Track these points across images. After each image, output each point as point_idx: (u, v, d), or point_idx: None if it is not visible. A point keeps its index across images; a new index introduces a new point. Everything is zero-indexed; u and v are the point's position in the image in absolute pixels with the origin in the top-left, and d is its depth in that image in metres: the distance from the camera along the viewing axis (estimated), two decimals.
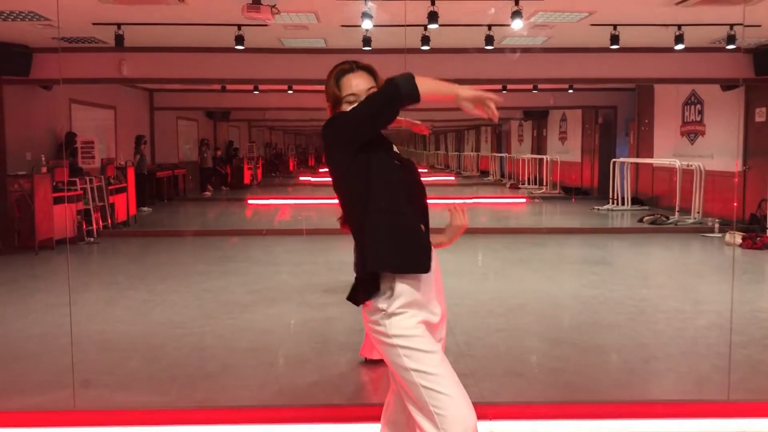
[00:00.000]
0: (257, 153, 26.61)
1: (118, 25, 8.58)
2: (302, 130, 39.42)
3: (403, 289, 2.17)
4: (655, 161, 14.86)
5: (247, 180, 23.03)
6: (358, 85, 2.28)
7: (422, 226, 2.25)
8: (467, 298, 6.10)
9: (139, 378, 4.23)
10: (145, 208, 14.16)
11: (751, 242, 9.33)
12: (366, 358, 4.33)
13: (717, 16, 8.27)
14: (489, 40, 8.76)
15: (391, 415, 2.42)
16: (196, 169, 20.16)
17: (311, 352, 4.71)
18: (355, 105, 2.23)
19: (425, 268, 2.16)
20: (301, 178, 27.14)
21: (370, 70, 2.33)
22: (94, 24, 8.59)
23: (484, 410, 3.26)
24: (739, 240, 9.53)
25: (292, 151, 38.23)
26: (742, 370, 4.24)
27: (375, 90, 2.25)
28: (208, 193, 19.53)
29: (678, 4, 7.51)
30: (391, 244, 2.14)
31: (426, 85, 2.08)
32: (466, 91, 2.15)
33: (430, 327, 2.23)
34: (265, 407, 3.53)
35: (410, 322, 2.17)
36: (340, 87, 2.29)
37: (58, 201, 9.38)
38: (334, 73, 2.31)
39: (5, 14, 7.96)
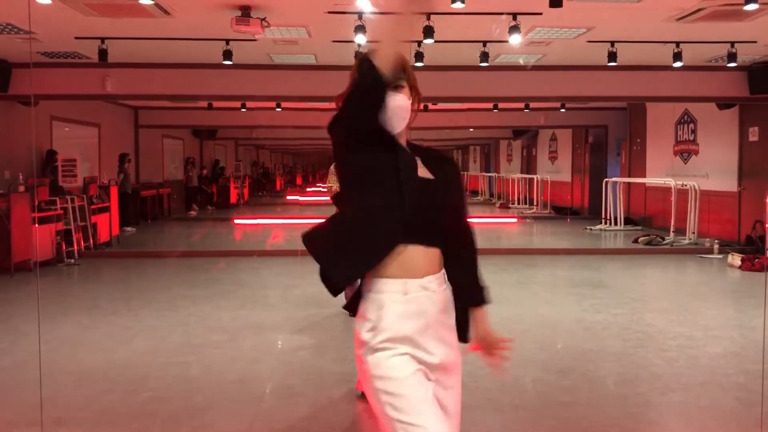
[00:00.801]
0: (244, 172, 26.30)
1: (102, 40, 8.30)
2: (290, 149, 39.19)
3: (390, 319, 1.90)
4: (648, 181, 14.70)
5: (233, 199, 22.72)
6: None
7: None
8: None
9: (117, 414, 3.89)
10: (129, 228, 13.79)
11: (750, 264, 9.12)
12: (362, 392, 4.02)
13: (715, 34, 8.12)
14: (484, 56, 8.55)
15: None
16: (181, 188, 19.81)
17: (303, 384, 4.38)
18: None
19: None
20: (289, 197, 26.84)
21: (402, 65, 2.02)
22: (76, 38, 8.31)
23: None
24: (738, 262, 9.32)
25: (280, 170, 37.98)
26: (756, 395, 3.96)
27: (404, 83, 2.04)
28: (193, 213, 19.18)
29: (679, 20, 7.35)
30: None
31: None
32: None
33: (425, 366, 1.96)
34: None
35: (395, 361, 1.90)
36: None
37: (41, 221, 9.01)
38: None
39: None
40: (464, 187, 2.33)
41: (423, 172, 2.03)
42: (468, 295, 2.13)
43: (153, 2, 5.81)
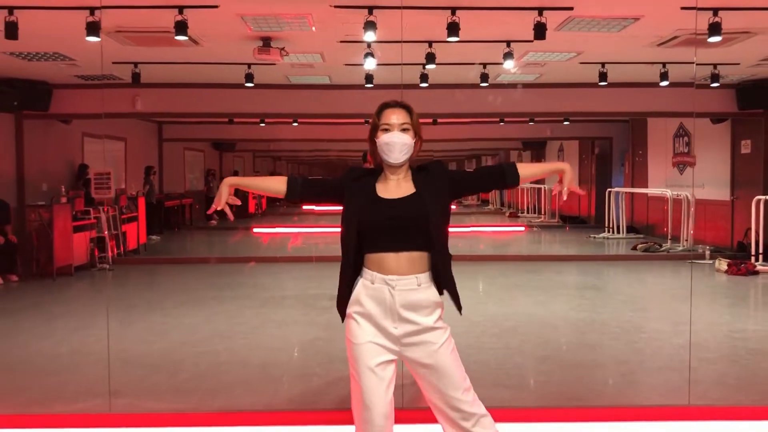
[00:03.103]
0: None
1: (135, 64, 9.15)
2: (305, 160, 40.10)
3: (359, 296, 2.66)
4: (646, 191, 15.35)
5: (251, 209, 23.55)
6: (395, 118, 2.70)
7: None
8: (462, 320, 6.50)
9: (163, 389, 4.67)
10: (154, 237, 14.61)
11: (735, 269, 9.76)
12: None
13: (699, 56, 8.80)
14: (484, 77, 9.31)
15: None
16: (202, 198, 20.68)
17: (317, 367, 5.15)
18: (390, 132, 2.67)
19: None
20: (305, 207, 27.65)
21: (408, 109, 2.75)
22: (113, 63, 9.15)
23: None
24: (724, 267, 9.97)
25: None
26: (708, 382, 4.67)
27: (408, 126, 2.71)
28: (213, 222, 20.00)
29: (660, 45, 8.06)
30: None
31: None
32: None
33: (388, 336, 2.62)
34: (276, 411, 3.97)
35: (355, 328, 2.65)
36: (380, 117, 2.73)
37: (77, 229, 9.87)
38: (379, 106, 2.77)
39: (31, 55, 8.52)
40: (454, 175, 2.83)
41: (404, 188, 2.73)
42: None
43: (188, 38, 6.61)
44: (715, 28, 6.30)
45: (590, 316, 7.00)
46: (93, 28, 6.07)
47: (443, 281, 2.71)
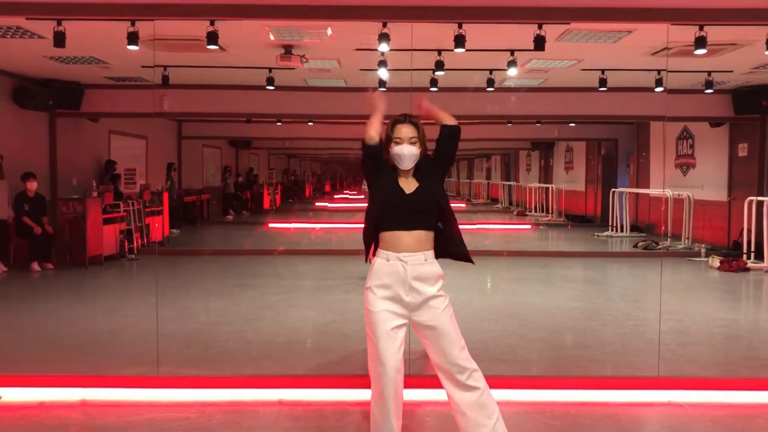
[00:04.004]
0: (276, 179, 27.88)
1: (164, 68, 9.80)
2: (319, 157, 40.81)
3: (378, 272, 3.26)
4: (647, 191, 15.89)
5: (266, 205, 24.25)
6: (405, 132, 3.34)
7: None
8: (465, 307, 7.15)
9: (199, 360, 5.30)
10: (174, 230, 15.29)
11: (727, 265, 10.31)
12: None
13: (694, 64, 9.35)
14: (490, 82, 9.90)
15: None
16: (218, 194, 21.36)
17: (334, 343, 5.78)
18: (400, 145, 3.31)
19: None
20: (318, 204, 28.37)
21: (415, 124, 3.39)
22: (143, 67, 9.81)
23: None
24: (717, 263, 10.52)
25: (309, 178, 39.54)
26: (681, 361, 5.27)
27: (416, 139, 3.34)
28: (230, 217, 20.69)
29: (654, 54, 8.62)
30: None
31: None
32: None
33: (401, 303, 3.25)
34: (301, 376, 4.60)
35: (374, 300, 3.25)
36: (392, 130, 3.38)
37: (107, 222, 10.55)
38: (392, 120, 3.41)
39: (69, 58, 9.19)
40: (435, 159, 3.47)
41: (412, 185, 3.36)
42: (454, 250, 3.42)
43: (217, 47, 7.23)
44: (701, 42, 6.83)
45: (584, 306, 7.58)
46: (133, 38, 6.69)
47: (455, 240, 3.40)
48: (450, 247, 3.40)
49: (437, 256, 3.36)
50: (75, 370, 4.86)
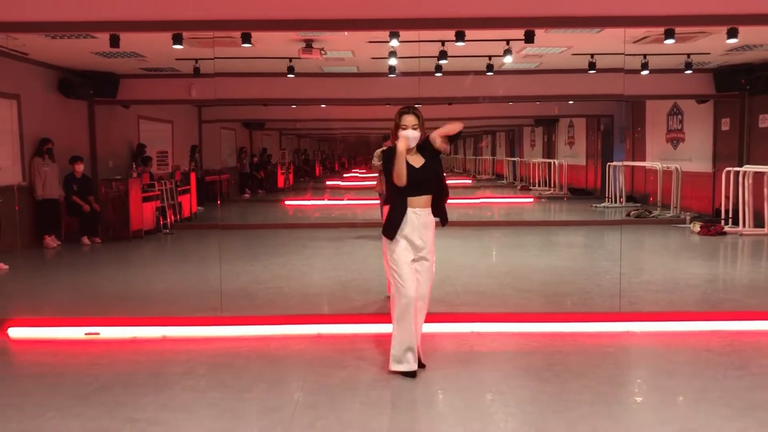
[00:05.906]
0: (289, 159, 29.01)
1: (196, 60, 10.89)
2: (328, 137, 41.89)
3: (404, 223, 4.43)
4: (639, 164, 16.92)
5: (280, 184, 25.41)
6: (409, 120, 4.47)
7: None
8: (468, 267, 8.27)
9: (247, 307, 6.47)
10: (200, 207, 16.47)
11: (706, 230, 11.39)
12: (389, 295, 6.51)
13: (674, 48, 10.34)
14: (489, 68, 10.95)
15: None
16: (235, 174, 22.51)
17: (356, 294, 6.95)
18: (406, 130, 4.42)
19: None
20: (329, 183, 29.50)
21: (417, 114, 4.51)
22: (176, 59, 10.90)
23: (468, 317, 5.49)
24: (697, 228, 11.60)
25: (318, 157, 40.62)
26: (644, 303, 6.40)
27: (417, 125, 4.45)
28: (246, 196, 21.86)
29: (636, 42, 9.65)
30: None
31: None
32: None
33: (413, 247, 4.44)
34: (333, 314, 5.77)
35: (396, 243, 4.43)
36: (399, 119, 4.51)
37: (145, 200, 11.73)
38: (399, 110, 4.53)
39: (111, 53, 10.29)
40: (442, 167, 4.69)
41: (419, 161, 4.49)
42: (440, 215, 4.60)
43: (250, 45, 8.30)
44: (669, 33, 7.87)
45: (572, 264, 8.70)
46: (178, 39, 7.78)
47: (441, 209, 4.63)
48: (438, 209, 4.62)
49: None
50: (155, 314, 6.05)
